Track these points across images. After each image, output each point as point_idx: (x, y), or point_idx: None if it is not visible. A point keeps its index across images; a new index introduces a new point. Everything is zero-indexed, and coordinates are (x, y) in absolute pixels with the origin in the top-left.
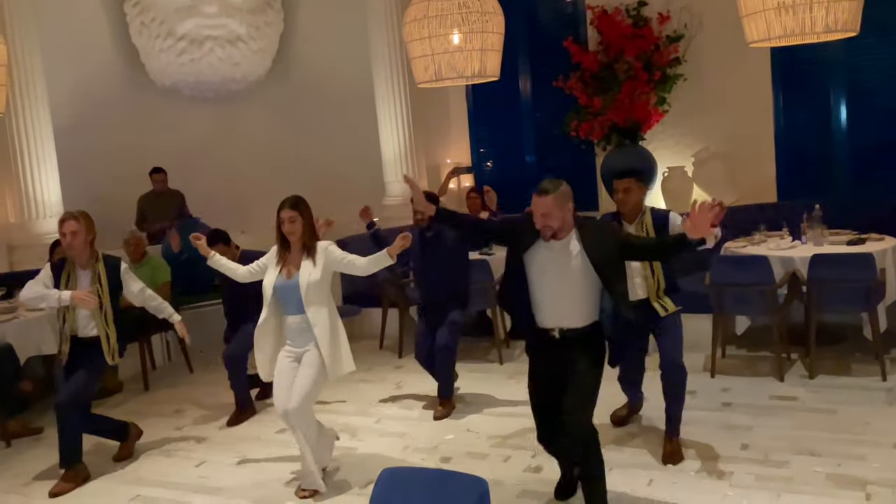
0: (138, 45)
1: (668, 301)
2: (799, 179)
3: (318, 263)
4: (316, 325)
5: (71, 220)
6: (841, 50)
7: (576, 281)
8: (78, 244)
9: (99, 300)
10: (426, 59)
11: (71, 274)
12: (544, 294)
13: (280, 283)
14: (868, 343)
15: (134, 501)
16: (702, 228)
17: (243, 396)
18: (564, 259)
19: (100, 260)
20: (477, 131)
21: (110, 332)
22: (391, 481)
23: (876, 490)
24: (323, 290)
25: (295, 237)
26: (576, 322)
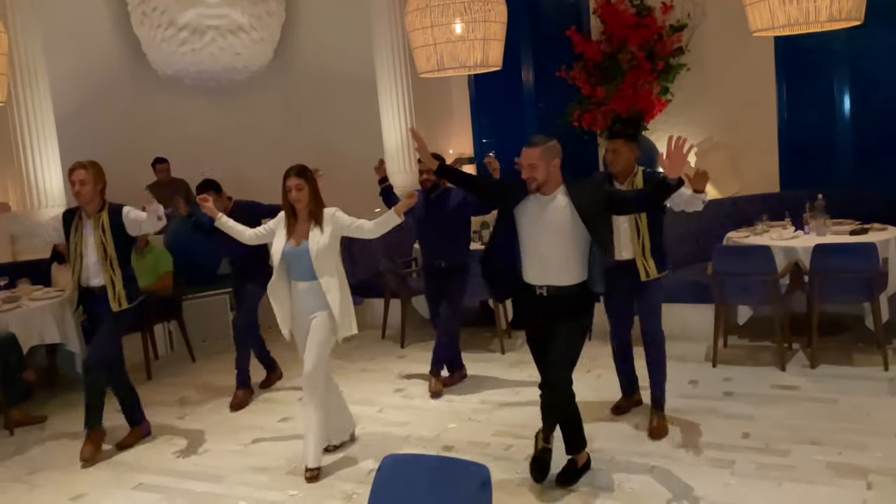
0: (139, 34)
1: (652, 264)
2: (802, 169)
3: (325, 230)
4: (329, 291)
5: (80, 168)
6: (845, 39)
7: (563, 236)
8: (86, 193)
9: (103, 249)
10: (428, 49)
11: (79, 223)
12: (533, 249)
13: (289, 250)
14: (870, 333)
15: (136, 490)
16: (678, 165)
17: (243, 377)
18: (552, 213)
19: (104, 209)
20: (479, 121)
21: (116, 279)
22: (393, 468)
23: (877, 479)
24: (332, 255)
25: (301, 205)
26: (563, 280)
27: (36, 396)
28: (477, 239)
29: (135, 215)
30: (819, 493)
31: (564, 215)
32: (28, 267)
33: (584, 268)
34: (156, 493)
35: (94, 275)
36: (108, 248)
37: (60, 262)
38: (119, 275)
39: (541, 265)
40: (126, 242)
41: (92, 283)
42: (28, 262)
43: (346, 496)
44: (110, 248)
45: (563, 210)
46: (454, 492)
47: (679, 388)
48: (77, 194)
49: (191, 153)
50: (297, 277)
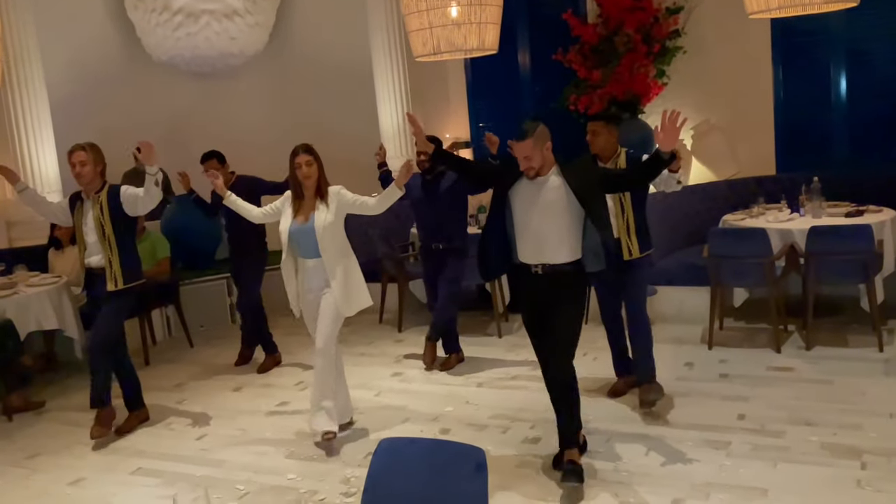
0: (134, 19)
1: (636, 243)
2: (798, 152)
3: (330, 207)
4: (330, 268)
5: (79, 150)
6: (841, 21)
7: (558, 214)
8: (86, 174)
9: (102, 229)
10: (424, 33)
11: (81, 205)
12: (528, 229)
13: (295, 228)
14: (865, 314)
15: (135, 474)
16: (672, 138)
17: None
18: (547, 193)
19: (104, 189)
20: (476, 105)
21: (113, 259)
22: (389, 451)
23: (871, 459)
24: (337, 232)
25: (311, 181)
26: (557, 258)
27: (34, 382)
28: (474, 223)
29: (132, 191)
30: (813, 474)
31: (559, 194)
32: (25, 253)
33: (578, 246)
34: (154, 477)
35: (93, 255)
36: (105, 228)
37: (58, 247)
38: (116, 255)
39: (536, 244)
40: (126, 223)
41: (92, 263)
42: (25, 249)
43: (344, 479)
44: (108, 227)
45: (558, 189)
46: (450, 474)
47: (675, 371)
48: (78, 176)
49: (186, 138)
50: (304, 255)
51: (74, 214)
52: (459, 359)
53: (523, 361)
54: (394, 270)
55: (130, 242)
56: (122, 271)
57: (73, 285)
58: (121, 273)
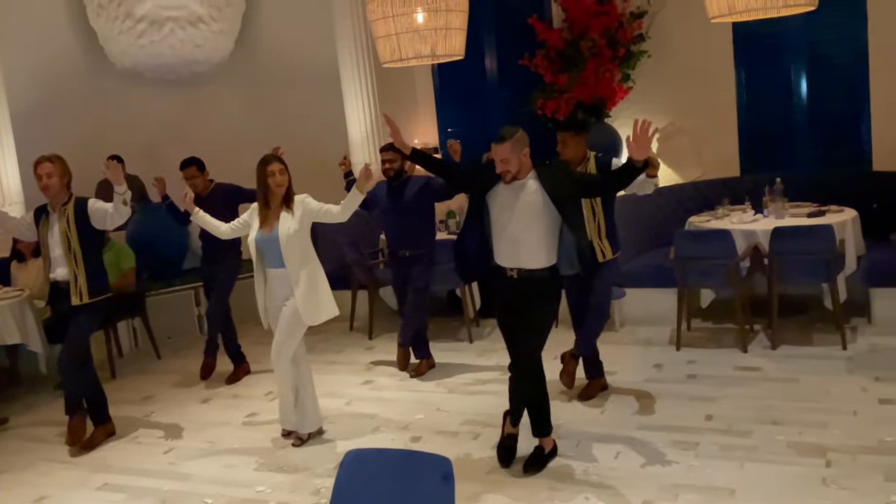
0: (96, 27)
1: (608, 245)
2: (761, 154)
3: (295, 215)
4: (294, 277)
5: (45, 162)
6: (801, 24)
7: (535, 219)
8: (53, 186)
9: (67, 241)
10: (390, 39)
11: (47, 218)
12: (504, 233)
13: (261, 238)
14: (829, 313)
15: (101, 490)
16: (643, 147)
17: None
18: (524, 197)
19: (70, 202)
20: (443, 111)
21: (79, 273)
22: (356, 463)
23: (836, 457)
24: (302, 240)
25: (283, 189)
26: (533, 263)
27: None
28: (443, 228)
29: (100, 206)
30: (780, 473)
31: (535, 199)
32: None
33: (553, 251)
34: (121, 493)
35: (59, 268)
36: (72, 241)
37: (20, 260)
38: (82, 268)
39: (512, 248)
40: (92, 236)
41: (57, 276)
42: None
43: (314, 490)
44: (74, 240)
45: (535, 194)
46: (417, 485)
47: (644, 372)
48: (44, 188)
49: (153, 147)
50: (270, 264)
51: (39, 227)
52: (430, 364)
53: (494, 366)
54: (363, 277)
55: (97, 256)
56: (88, 285)
57: (36, 299)
58: (86, 287)
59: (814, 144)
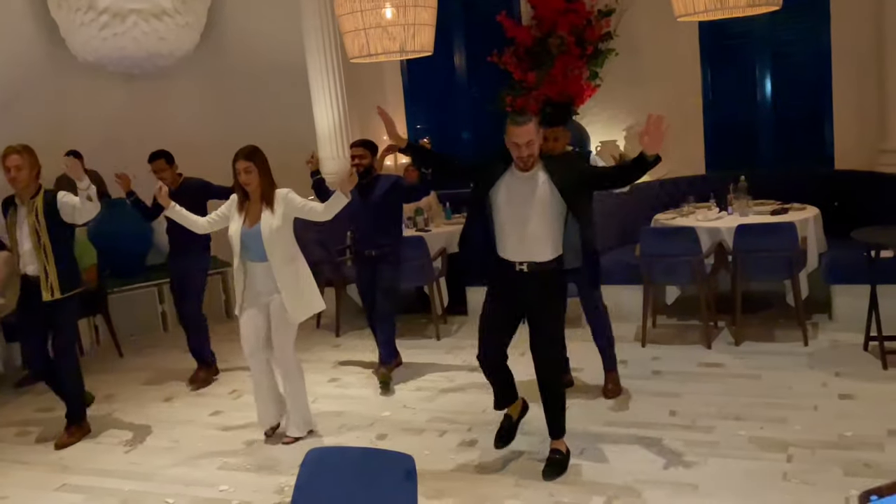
0: (57, 19)
1: None
2: (726, 151)
3: (276, 211)
4: (279, 273)
5: (13, 154)
6: (766, 24)
7: (544, 211)
8: (22, 178)
9: (37, 235)
10: (358, 34)
11: (15, 210)
12: (512, 225)
13: (244, 232)
14: (791, 310)
15: (60, 491)
16: (657, 141)
17: (202, 354)
18: (532, 189)
19: (39, 194)
20: (412, 107)
21: (49, 268)
22: (317, 462)
23: (796, 451)
24: (284, 236)
25: (251, 187)
26: (542, 255)
27: None
28: (410, 225)
29: (69, 199)
30: (741, 467)
31: (544, 190)
32: None
33: (560, 242)
34: (81, 493)
35: (28, 263)
36: (41, 235)
37: None
38: (53, 263)
39: (520, 241)
40: (62, 229)
41: (28, 271)
42: None
43: (277, 489)
44: (44, 234)
45: (544, 185)
46: (379, 482)
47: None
48: (13, 180)
49: (115, 142)
50: (252, 258)
51: (7, 220)
52: (398, 363)
53: (461, 364)
54: (331, 274)
55: (67, 250)
56: (60, 280)
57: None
58: (58, 282)
59: (777, 143)
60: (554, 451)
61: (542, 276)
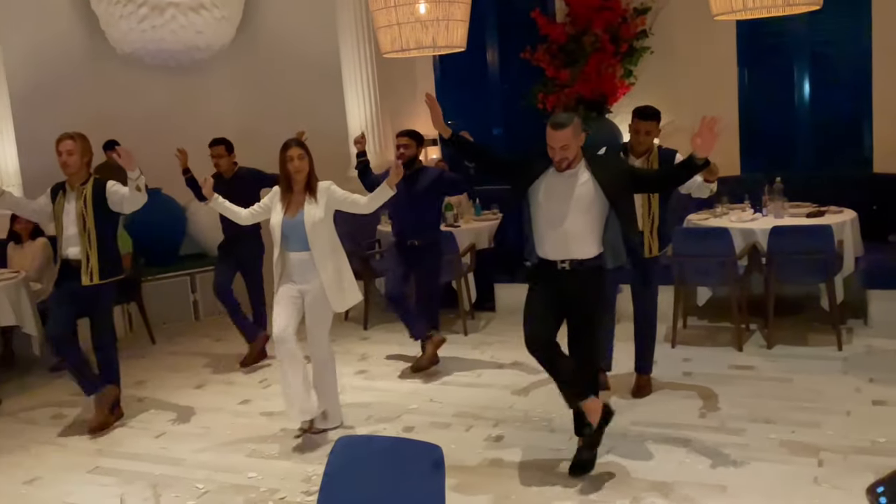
0: (98, 11)
1: (656, 242)
2: (762, 153)
3: (320, 202)
4: (321, 264)
5: (67, 139)
6: (805, 24)
7: (586, 210)
8: (73, 163)
9: (83, 221)
10: (391, 29)
11: (63, 195)
12: (553, 224)
13: (286, 222)
14: (825, 314)
15: (92, 473)
16: (709, 144)
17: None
18: (574, 187)
19: (89, 182)
20: (444, 103)
21: (91, 253)
22: (346, 450)
23: (828, 456)
24: (326, 227)
25: (302, 175)
26: (585, 253)
27: None
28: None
29: (118, 189)
30: (772, 471)
31: (587, 189)
32: None
33: (601, 240)
34: (112, 476)
35: (71, 247)
36: (87, 221)
37: (17, 241)
38: (95, 249)
39: (562, 239)
40: (108, 217)
41: (70, 254)
42: None
43: (305, 477)
44: (90, 220)
45: (586, 184)
46: (407, 472)
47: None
48: (64, 165)
49: (151, 133)
50: (292, 248)
51: (55, 205)
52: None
53: (488, 359)
54: (360, 267)
55: (111, 238)
56: (100, 266)
57: (31, 280)
58: (98, 268)
59: (815, 145)
60: (582, 450)
61: (584, 273)
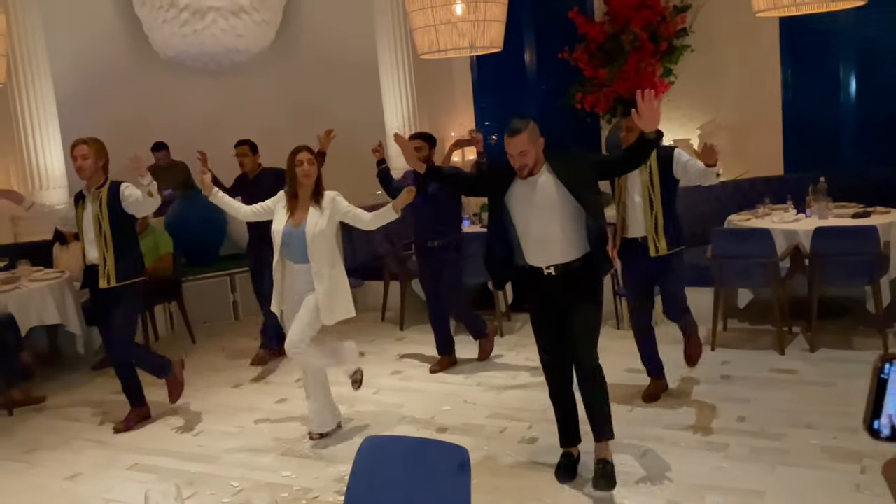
0: (141, 16)
1: (663, 241)
2: (806, 152)
3: (324, 213)
4: (318, 276)
5: (80, 144)
6: (851, 21)
7: (555, 212)
8: (87, 167)
9: (98, 224)
10: (428, 30)
11: (83, 201)
12: (529, 231)
13: (287, 231)
14: (871, 317)
15: (131, 470)
16: (651, 118)
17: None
18: (541, 192)
19: (105, 185)
20: (481, 103)
21: (108, 256)
22: (372, 450)
23: (871, 463)
24: (328, 239)
25: (310, 180)
26: (567, 256)
27: (36, 377)
28: (476, 221)
29: (132, 191)
30: (812, 477)
31: (552, 191)
32: (29, 248)
33: (583, 240)
34: (150, 473)
35: (91, 250)
36: (102, 224)
37: (63, 242)
38: (112, 252)
39: (541, 246)
40: (124, 219)
41: (90, 258)
42: (29, 244)
43: (338, 477)
44: (105, 223)
45: (550, 186)
46: (433, 472)
47: (676, 371)
48: (79, 169)
49: (192, 136)
50: (293, 258)
51: (77, 210)
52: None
53: (524, 361)
54: (396, 268)
55: (128, 240)
56: (116, 269)
57: (75, 280)
58: (114, 271)
59: (861, 143)
60: (599, 462)
61: (571, 276)
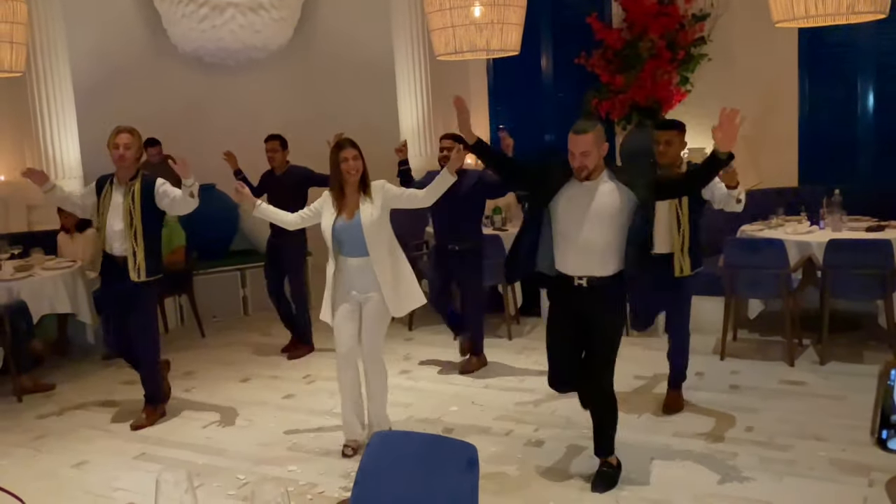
0: (160, 10)
1: (688, 261)
2: (822, 164)
3: (375, 202)
4: (380, 267)
5: (125, 132)
6: (870, 33)
7: (609, 223)
8: (129, 158)
9: (130, 218)
10: (446, 32)
11: (110, 189)
12: (573, 238)
13: (340, 225)
14: (882, 331)
15: (138, 459)
16: (730, 136)
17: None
18: (599, 200)
19: (138, 178)
20: (496, 107)
21: (137, 250)
22: (382, 445)
23: (879, 476)
24: (384, 228)
25: (356, 176)
26: (604, 270)
27: (45, 365)
28: (489, 224)
29: (168, 189)
30: (819, 489)
31: (612, 201)
32: (43, 237)
33: (622, 256)
34: (157, 463)
35: (116, 243)
36: (134, 218)
37: (67, 232)
38: (142, 246)
39: (582, 255)
40: (154, 215)
41: (114, 250)
42: (43, 232)
43: (344, 473)
44: (137, 218)
45: (611, 195)
46: (441, 469)
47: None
48: (121, 158)
49: (207, 131)
50: (349, 253)
51: (101, 198)
52: (482, 362)
53: (532, 364)
54: None
55: (156, 235)
56: (146, 264)
57: (87, 269)
58: (144, 266)
59: (877, 157)
60: (603, 464)
61: (601, 291)
